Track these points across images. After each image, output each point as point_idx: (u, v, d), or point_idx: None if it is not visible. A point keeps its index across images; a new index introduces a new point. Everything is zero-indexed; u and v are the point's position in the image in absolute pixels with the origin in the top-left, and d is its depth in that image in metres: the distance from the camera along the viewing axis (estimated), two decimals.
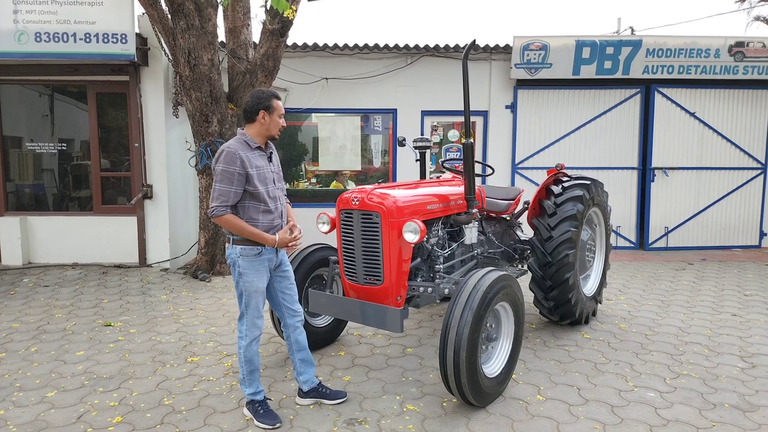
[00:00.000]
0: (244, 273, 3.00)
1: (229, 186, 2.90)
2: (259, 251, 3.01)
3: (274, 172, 3.11)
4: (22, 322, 4.94)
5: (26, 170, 7.58)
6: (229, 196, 2.91)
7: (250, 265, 3.00)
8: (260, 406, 3.11)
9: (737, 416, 3.21)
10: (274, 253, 3.09)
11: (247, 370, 3.10)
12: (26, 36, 6.42)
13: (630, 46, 8.21)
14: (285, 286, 3.23)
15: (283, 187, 3.22)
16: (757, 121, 8.75)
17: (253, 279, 3.02)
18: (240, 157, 2.91)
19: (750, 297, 5.94)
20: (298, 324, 3.28)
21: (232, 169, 2.89)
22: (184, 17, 6.09)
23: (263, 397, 3.16)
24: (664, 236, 8.83)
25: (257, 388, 3.13)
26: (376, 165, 9.00)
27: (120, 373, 3.81)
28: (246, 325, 3.07)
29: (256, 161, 2.99)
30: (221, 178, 2.90)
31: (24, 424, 3.08)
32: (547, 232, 4.47)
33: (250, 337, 3.07)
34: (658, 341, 4.49)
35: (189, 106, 6.55)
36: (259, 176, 2.97)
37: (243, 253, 2.99)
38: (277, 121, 3.06)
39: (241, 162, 2.91)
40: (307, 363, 3.33)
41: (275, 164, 3.16)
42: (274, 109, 3.04)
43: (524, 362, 4.00)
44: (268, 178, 3.04)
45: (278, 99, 3.08)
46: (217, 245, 6.86)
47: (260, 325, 3.11)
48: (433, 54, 8.45)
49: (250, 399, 3.13)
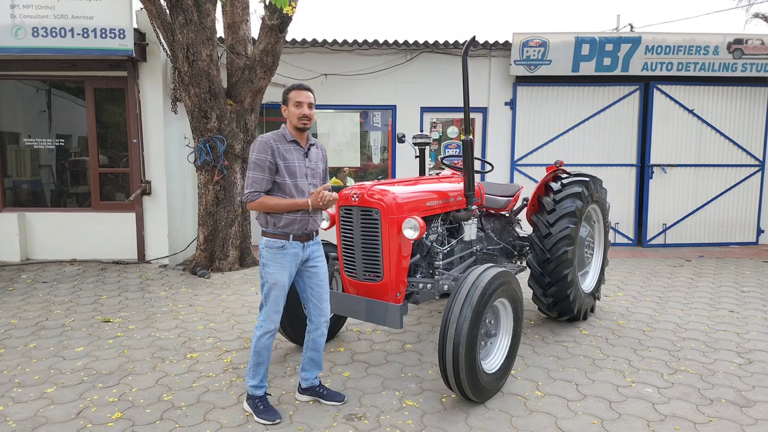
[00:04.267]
0: (266, 264, 3.03)
1: (262, 173, 2.95)
2: (282, 245, 3.00)
3: (308, 167, 3.10)
4: (21, 318, 4.93)
5: (24, 166, 7.56)
6: (262, 183, 2.96)
7: (273, 257, 3.01)
8: (260, 401, 3.11)
9: (734, 411, 3.22)
10: (301, 248, 3.07)
11: (254, 362, 3.09)
12: (23, 31, 6.39)
13: (629, 43, 8.21)
14: (314, 282, 3.19)
15: (317, 184, 3.17)
16: (755, 118, 8.76)
17: (274, 271, 3.00)
18: (272, 147, 2.97)
19: (747, 293, 5.97)
20: (322, 323, 3.24)
21: (263, 157, 2.95)
22: (183, 12, 6.07)
23: (264, 392, 3.16)
24: (662, 233, 8.85)
25: (260, 382, 3.12)
26: (375, 161, 9.00)
27: (119, 369, 3.81)
28: (263, 316, 3.07)
29: (288, 154, 3.01)
30: (254, 166, 2.96)
31: (23, 420, 3.09)
32: (546, 228, 4.48)
33: (263, 329, 3.05)
34: (655, 337, 4.51)
35: (188, 102, 6.54)
36: (288, 168, 2.99)
37: (267, 245, 3.02)
38: (293, 111, 3.03)
39: (272, 152, 2.97)
40: (314, 363, 3.32)
41: (312, 160, 3.13)
42: (289, 100, 3.05)
43: (523, 358, 4.01)
44: (299, 172, 3.03)
45: (299, 89, 3.06)
46: (216, 241, 6.86)
47: (276, 320, 3.07)
48: (432, 50, 8.44)
49: (251, 392, 3.13)
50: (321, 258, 3.22)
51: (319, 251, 3.22)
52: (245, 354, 4.10)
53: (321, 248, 3.25)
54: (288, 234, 3.01)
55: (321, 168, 3.23)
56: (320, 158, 3.23)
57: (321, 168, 3.23)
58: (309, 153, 3.13)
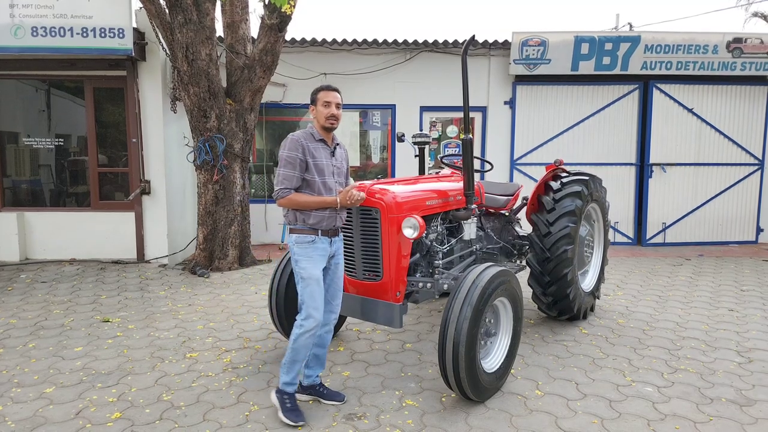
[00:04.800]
0: (298, 260, 3.05)
1: (293, 171, 2.99)
2: (312, 239, 3.04)
3: (335, 165, 3.15)
4: (20, 318, 4.93)
5: (23, 166, 7.55)
6: (292, 180, 3.00)
7: (304, 252, 3.03)
8: (288, 399, 3.09)
9: (734, 410, 3.22)
10: (328, 243, 3.10)
11: (290, 359, 3.07)
12: (23, 30, 6.38)
13: (628, 42, 8.21)
14: (331, 279, 3.22)
15: (343, 183, 3.21)
16: (755, 117, 8.76)
17: (307, 266, 3.03)
18: (302, 145, 3.01)
19: (747, 292, 5.97)
20: (331, 320, 3.25)
21: (294, 155, 2.99)
22: (182, 12, 6.06)
23: (294, 391, 3.14)
24: (661, 232, 8.85)
25: (293, 380, 3.10)
26: (374, 161, 8.99)
27: (119, 368, 3.81)
28: (303, 314, 3.04)
29: (317, 152, 3.05)
30: (285, 163, 3.00)
31: (22, 420, 3.08)
32: (546, 227, 4.47)
33: (304, 327, 3.02)
34: (655, 336, 4.51)
35: (187, 101, 6.53)
36: (317, 167, 3.03)
37: (297, 241, 3.05)
38: (321, 111, 3.08)
39: (303, 150, 3.01)
40: (318, 360, 3.31)
41: (338, 159, 3.19)
42: (318, 100, 3.10)
43: (523, 357, 4.01)
44: (326, 171, 3.08)
45: (327, 90, 3.11)
46: (216, 241, 6.85)
47: (317, 317, 3.03)
48: (432, 49, 8.43)
49: (282, 387, 3.11)
50: (342, 255, 3.27)
51: (340, 249, 3.26)
52: (245, 353, 4.09)
53: (342, 245, 3.30)
54: (317, 230, 3.04)
55: (345, 167, 3.28)
56: (344, 158, 3.28)
57: (345, 167, 3.28)
58: (335, 152, 3.17)
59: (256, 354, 4.08)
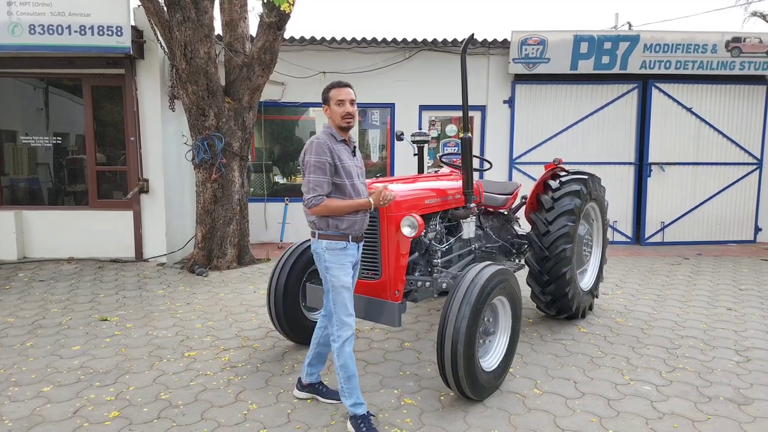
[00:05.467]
0: (330, 267, 2.91)
1: (323, 176, 2.83)
2: (344, 246, 2.91)
3: (358, 166, 3.03)
4: (18, 316, 4.91)
5: (21, 164, 7.53)
6: (323, 186, 2.84)
7: (336, 259, 2.90)
8: (362, 422, 2.88)
9: (732, 409, 3.23)
10: (356, 249, 3.00)
11: (344, 377, 2.90)
12: (20, 28, 6.36)
13: (627, 41, 8.21)
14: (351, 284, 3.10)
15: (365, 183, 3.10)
16: (753, 116, 8.76)
17: (339, 273, 2.91)
18: (329, 147, 2.87)
19: (745, 291, 5.97)
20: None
21: (323, 159, 2.83)
22: (180, 9, 6.04)
23: (366, 411, 2.94)
24: (660, 231, 8.86)
25: (357, 399, 2.92)
26: (374, 159, 8.98)
27: (116, 367, 3.80)
28: (336, 324, 2.92)
29: (341, 154, 2.92)
30: (314, 168, 2.83)
31: (20, 419, 3.07)
32: (545, 226, 4.47)
33: (342, 337, 2.90)
34: (654, 335, 4.51)
35: (185, 99, 6.51)
36: (344, 169, 2.90)
37: (329, 247, 2.91)
38: (335, 110, 2.91)
39: (330, 152, 2.86)
40: (320, 358, 3.28)
41: (358, 159, 3.08)
42: (330, 99, 2.94)
43: (521, 356, 4.01)
44: (353, 172, 2.95)
45: (338, 87, 2.94)
46: (214, 240, 6.84)
47: (350, 323, 2.93)
48: (431, 48, 8.42)
49: (351, 412, 2.92)
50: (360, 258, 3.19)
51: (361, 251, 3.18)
52: (243, 352, 4.09)
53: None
54: (348, 235, 2.92)
55: (363, 166, 3.19)
56: (360, 157, 3.16)
57: (363, 166, 3.19)
58: (354, 152, 3.06)
59: (255, 353, 4.08)
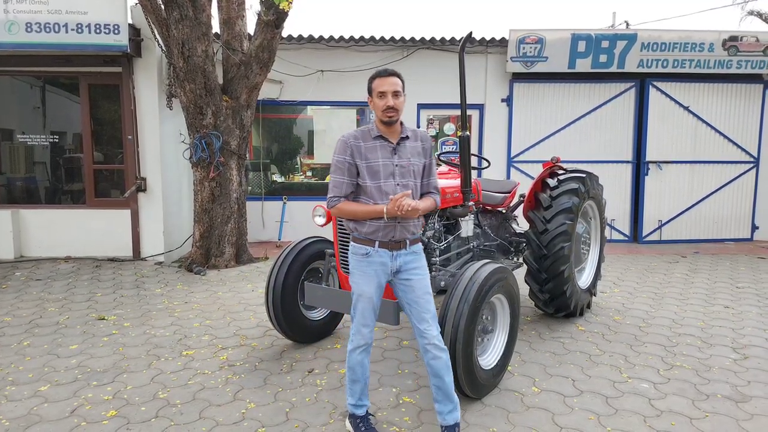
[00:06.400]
0: (352, 273, 2.80)
1: (342, 176, 2.68)
2: (366, 252, 2.71)
3: (397, 165, 2.69)
4: (15, 315, 4.90)
5: (18, 163, 7.50)
6: (341, 188, 2.69)
7: (357, 265, 2.76)
8: (361, 422, 2.86)
9: (730, 407, 3.24)
10: (389, 257, 2.71)
11: (349, 378, 2.85)
12: (17, 26, 6.33)
13: (625, 39, 8.22)
14: (410, 298, 2.75)
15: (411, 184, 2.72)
16: (750, 115, 8.79)
17: (359, 281, 2.75)
18: (351, 147, 2.68)
19: (742, 289, 5.99)
20: (427, 346, 2.73)
21: (342, 158, 2.68)
22: (178, 8, 6.02)
23: (365, 412, 2.89)
24: (657, 229, 8.88)
25: (357, 401, 2.86)
26: None
27: (114, 366, 3.79)
28: (353, 329, 2.81)
29: (371, 152, 2.68)
30: (334, 168, 2.71)
31: (17, 418, 3.06)
32: (543, 224, 4.47)
33: (354, 343, 2.80)
34: (651, 333, 4.52)
35: (183, 98, 6.50)
36: (369, 169, 2.67)
37: (353, 251, 2.78)
38: (377, 103, 2.65)
39: (351, 152, 2.68)
40: (442, 394, 2.76)
41: (404, 155, 2.71)
42: (373, 90, 2.68)
43: (519, 354, 4.01)
44: (383, 172, 2.67)
45: (382, 76, 2.66)
46: (212, 238, 6.83)
47: (365, 335, 2.77)
48: (429, 47, 8.41)
49: (350, 411, 2.90)
50: (417, 270, 2.76)
51: (416, 262, 2.77)
52: (241, 351, 4.08)
53: (418, 259, 2.79)
54: (373, 241, 2.69)
55: (417, 164, 2.75)
56: (417, 152, 2.76)
57: (417, 164, 2.75)
58: (399, 148, 2.71)
59: (253, 352, 4.07)
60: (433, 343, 2.73)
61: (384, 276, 2.75)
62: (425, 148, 2.80)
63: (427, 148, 2.81)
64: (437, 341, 2.73)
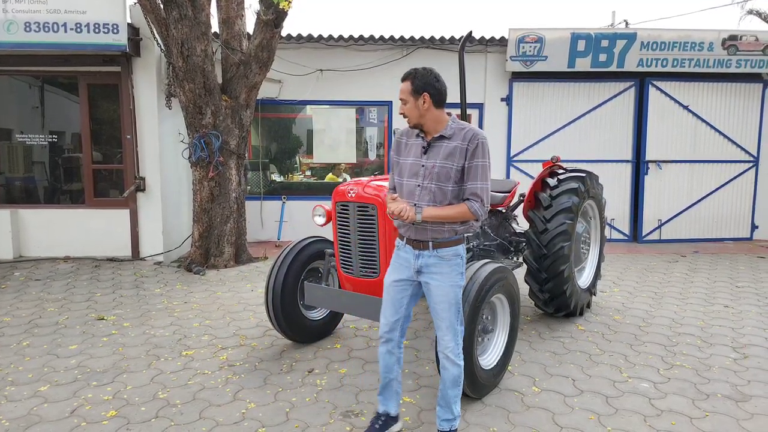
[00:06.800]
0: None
1: (391, 171, 2.83)
2: (397, 245, 2.77)
3: (424, 165, 2.61)
4: (14, 316, 4.89)
5: (16, 163, 7.48)
6: (390, 182, 2.83)
7: (394, 255, 2.80)
8: (374, 419, 2.86)
9: (730, 406, 3.24)
10: (412, 255, 2.65)
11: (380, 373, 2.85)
12: (15, 26, 6.32)
13: (625, 39, 8.21)
14: (429, 303, 2.70)
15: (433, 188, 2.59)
16: (750, 114, 8.79)
17: (389, 270, 2.80)
18: (396, 143, 2.81)
19: (742, 289, 5.99)
20: (438, 354, 2.74)
21: (391, 154, 2.82)
22: (177, 7, 6.01)
23: (381, 411, 2.87)
24: (657, 229, 8.88)
25: (378, 394, 2.87)
26: (371, 157, 8.97)
27: (114, 366, 3.78)
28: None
29: (408, 150, 2.71)
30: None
31: (17, 419, 3.06)
32: (543, 224, 4.47)
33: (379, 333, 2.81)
34: (651, 332, 4.52)
35: (182, 97, 6.49)
36: (400, 167, 2.73)
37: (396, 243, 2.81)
38: (402, 106, 2.66)
39: (396, 148, 2.79)
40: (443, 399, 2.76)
41: (433, 156, 2.61)
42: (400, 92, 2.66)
43: (520, 354, 4.01)
44: (409, 170, 2.66)
45: (404, 79, 2.63)
46: (211, 238, 6.82)
47: (382, 325, 2.77)
48: (428, 46, 8.40)
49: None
50: (437, 276, 2.62)
51: (438, 267, 2.62)
52: (241, 351, 4.08)
53: (442, 264, 2.62)
54: (402, 236, 2.73)
55: (449, 166, 2.57)
56: (453, 153, 2.58)
57: (449, 166, 2.57)
58: (431, 148, 2.63)
59: (253, 351, 4.07)
60: (444, 354, 2.69)
61: (406, 272, 2.71)
62: (467, 149, 2.58)
63: (471, 149, 2.58)
64: (448, 353, 2.66)
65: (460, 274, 2.67)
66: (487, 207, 2.62)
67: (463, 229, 2.68)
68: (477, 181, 2.59)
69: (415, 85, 2.59)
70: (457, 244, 2.66)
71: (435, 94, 2.60)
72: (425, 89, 2.58)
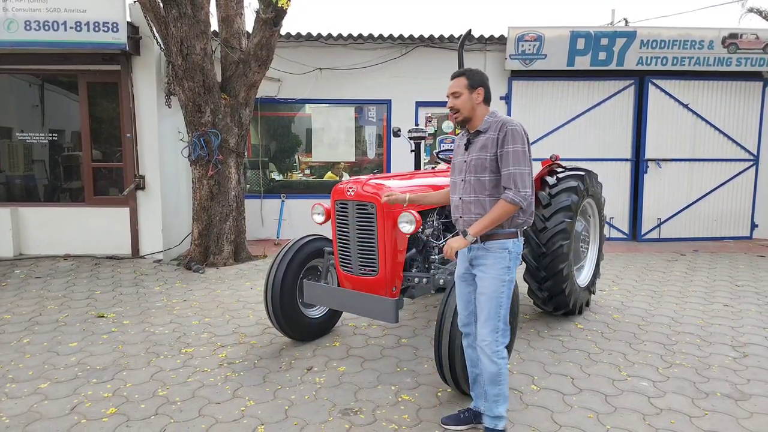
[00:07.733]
0: None
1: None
2: None
3: (465, 160, 2.73)
4: (14, 313, 4.89)
5: (17, 161, 7.49)
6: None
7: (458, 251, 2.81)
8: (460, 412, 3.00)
9: (729, 405, 3.24)
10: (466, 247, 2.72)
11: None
12: (16, 24, 6.32)
13: (624, 37, 8.20)
14: (476, 295, 2.74)
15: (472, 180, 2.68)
16: (750, 112, 8.78)
17: (457, 265, 2.88)
18: (456, 142, 2.92)
19: (741, 287, 5.99)
20: (478, 350, 2.71)
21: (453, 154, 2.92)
22: (176, 5, 6.01)
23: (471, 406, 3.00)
24: (656, 227, 8.88)
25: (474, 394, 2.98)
26: (370, 156, 8.97)
27: (114, 364, 3.79)
28: None
29: (457, 150, 2.87)
30: None
31: (17, 416, 3.06)
32: (542, 222, 4.47)
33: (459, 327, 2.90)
34: (650, 331, 4.52)
35: (182, 96, 6.49)
36: (453, 166, 2.87)
37: None
38: (453, 100, 2.78)
39: (456, 147, 2.90)
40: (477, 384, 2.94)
41: (472, 151, 2.71)
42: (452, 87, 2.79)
43: (518, 352, 4.01)
44: (456, 168, 2.81)
45: (458, 76, 2.81)
46: (211, 236, 6.83)
47: (459, 318, 2.86)
48: (427, 44, 8.40)
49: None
50: (483, 268, 2.66)
51: (484, 259, 2.66)
52: (240, 349, 4.08)
53: (488, 257, 2.64)
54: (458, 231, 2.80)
55: (482, 157, 2.64)
56: (485, 145, 2.65)
57: (482, 157, 2.64)
58: (471, 144, 2.74)
59: (252, 349, 4.08)
60: (480, 346, 2.68)
61: (463, 264, 2.81)
62: (498, 138, 2.61)
63: (501, 138, 2.60)
64: (484, 346, 2.65)
65: (506, 269, 2.63)
66: (524, 191, 2.56)
67: (508, 222, 2.65)
68: (509, 167, 2.58)
69: (471, 80, 2.76)
70: (507, 237, 2.65)
71: (487, 90, 2.82)
72: (481, 84, 2.78)
